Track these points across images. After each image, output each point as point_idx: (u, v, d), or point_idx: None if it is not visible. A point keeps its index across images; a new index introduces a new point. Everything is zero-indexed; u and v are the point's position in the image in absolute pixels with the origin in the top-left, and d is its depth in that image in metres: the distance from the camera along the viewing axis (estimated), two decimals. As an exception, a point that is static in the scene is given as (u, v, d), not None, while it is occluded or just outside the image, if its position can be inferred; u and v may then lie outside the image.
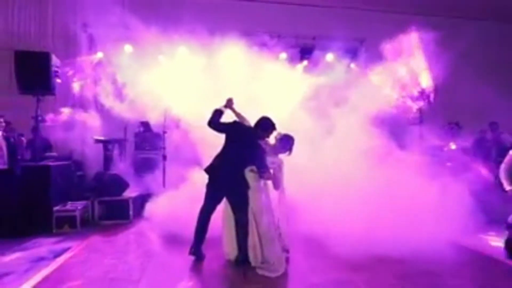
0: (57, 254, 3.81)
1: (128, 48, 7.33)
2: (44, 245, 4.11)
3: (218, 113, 3.62)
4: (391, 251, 3.59)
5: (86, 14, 7.75)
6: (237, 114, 3.81)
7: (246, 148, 3.46)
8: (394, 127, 5.91)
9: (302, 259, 3.61)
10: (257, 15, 8.59)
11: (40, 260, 3.62)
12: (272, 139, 3.74)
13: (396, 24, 9.07)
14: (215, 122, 3.57)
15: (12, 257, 3.72)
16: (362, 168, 4.70)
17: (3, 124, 4.40)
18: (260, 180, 3.49)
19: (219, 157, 3.56)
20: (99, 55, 7.33)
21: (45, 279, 3.16)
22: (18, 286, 3.00)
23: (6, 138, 4.41)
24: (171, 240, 4.23)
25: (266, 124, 3.58)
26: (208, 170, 3.57)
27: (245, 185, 3.44)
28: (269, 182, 3.55)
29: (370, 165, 4.71)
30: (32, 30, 7.87)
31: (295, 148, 3.70)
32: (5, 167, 4.32)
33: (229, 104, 3.75)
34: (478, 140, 7.42)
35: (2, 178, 4.28)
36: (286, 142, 3.65)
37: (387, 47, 6.75)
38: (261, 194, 3.48)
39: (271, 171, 3.47)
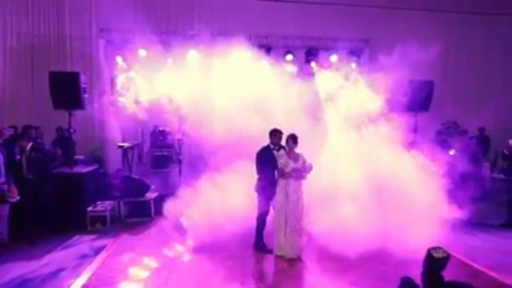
0: (97, 251, 4.60)
1: (142, 52, 7.75)
2: (84, 242, 4.92)
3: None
4: (381, 253, 4.30)
5: (101, 19, 8.16)
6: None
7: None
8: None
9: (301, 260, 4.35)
10: (263, 17, 8.86)
11: (85, 257, 4.41)
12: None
13: (401, 22, 9.36)
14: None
15: (62, 253, 4.54)
16: (360, 172, 5.32)
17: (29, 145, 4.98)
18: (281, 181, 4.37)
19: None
20: (118, 59, 7.77)
21: (93, 275, 3.94)
22: (74, 281, 3.78)
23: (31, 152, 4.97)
24: (189, 236, 4.94)
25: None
26: None
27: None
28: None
29: (368, 170, 5.31)
30: (52, 32, 8.32)
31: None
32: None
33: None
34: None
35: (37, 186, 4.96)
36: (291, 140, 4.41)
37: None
38: (280, 192, 4.36)
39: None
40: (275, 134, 4.58)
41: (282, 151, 4.50)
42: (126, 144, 6.55)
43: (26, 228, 4.85)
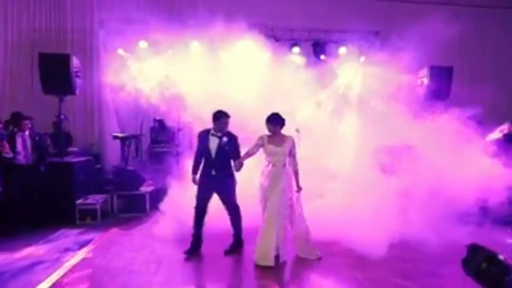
0: (81, 245, 4.15)
1: (143, 44, 7.49)
2: (69, 236, 4.47)
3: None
4: (397, 251, 3.76)
5: (102, 11, 7.95)
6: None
7: None
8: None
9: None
10: (269, 9, 8.54)
11: (67, 251, 3.96)
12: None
13: (412, 14, 8.89)
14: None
15: (43, 246, 4.09)
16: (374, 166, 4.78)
17: (29, 125, 4.72)
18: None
19: None
20: (119, 51, 7.53)
21: (72, 269, 3.48)
22: (49, 275, 3.33)
23: (31, 137, 4.72)
24: (185, 233, 4.46)
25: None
26: None
27: None
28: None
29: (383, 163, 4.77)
30: (53, 27, 8.15)
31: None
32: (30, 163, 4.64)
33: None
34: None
35: (28, 173, 4.62)
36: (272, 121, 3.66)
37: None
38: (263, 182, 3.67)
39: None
40: (218, 118, 3.75)
41: (265, 138, 3.68)
42: (121, 135, 6.17)
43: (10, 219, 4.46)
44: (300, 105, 6.61)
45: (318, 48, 8.48)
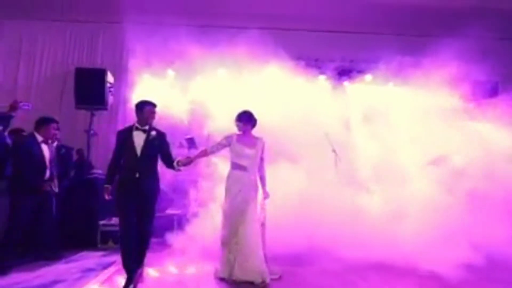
0: (105, 266, 3.66)
1: (171, 71, 7.62)
2: (90, 258, 3.99)
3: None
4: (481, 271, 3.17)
5: (133, 40, 8.23)
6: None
7: None
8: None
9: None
10: (293, 41, 8.71)
11: (90, 271, 3.47)
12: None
13: (437, 46, 8.88)
14: None
15: (63, 266, 3.63)
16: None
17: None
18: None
19: None
20: (147, 76, 7.64)
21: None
22: (70, 294, 2.84)
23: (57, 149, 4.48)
24: (212, 258, 3.96)
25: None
26: None
27: None
28: None
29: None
30: (84, 60, 8.46)
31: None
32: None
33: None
34: None
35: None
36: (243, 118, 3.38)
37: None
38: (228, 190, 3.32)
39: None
40: (141, 108, 3.08)
41: (234, 137, 3.32)
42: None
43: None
44: (332, 127, 6.39)
45: (343, 77, 8.52)
